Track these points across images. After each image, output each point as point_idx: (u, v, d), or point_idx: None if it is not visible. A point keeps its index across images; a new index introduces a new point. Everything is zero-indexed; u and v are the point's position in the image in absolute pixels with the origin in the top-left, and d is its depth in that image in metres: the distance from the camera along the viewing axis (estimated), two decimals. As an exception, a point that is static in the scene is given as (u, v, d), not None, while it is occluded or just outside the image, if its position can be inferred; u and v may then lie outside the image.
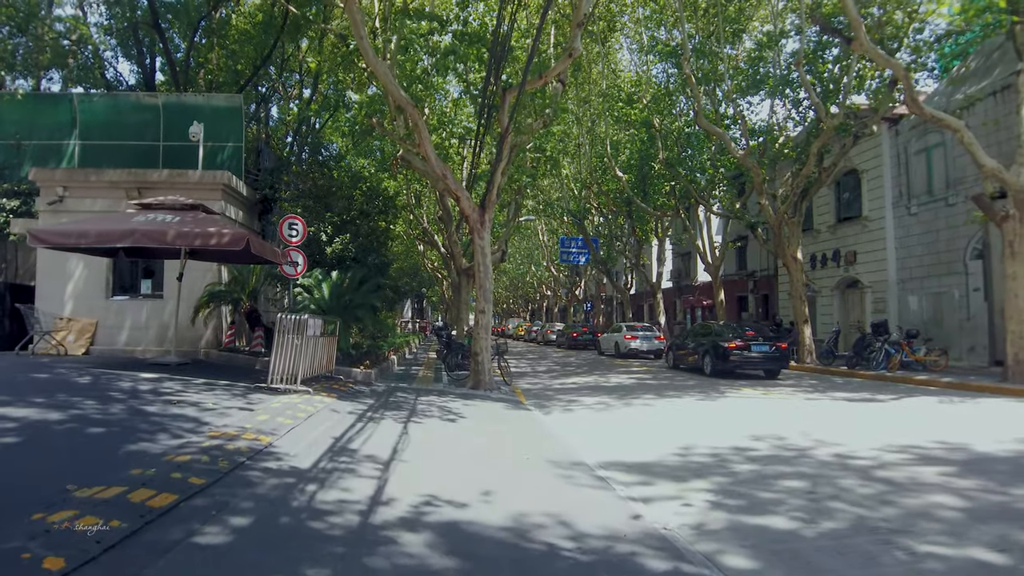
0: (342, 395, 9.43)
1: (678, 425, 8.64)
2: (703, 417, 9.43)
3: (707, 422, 8.89)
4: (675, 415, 9.65)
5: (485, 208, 12.20)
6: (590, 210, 33.21)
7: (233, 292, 12.25)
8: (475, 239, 12.25)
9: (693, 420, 9.11)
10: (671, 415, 9.65)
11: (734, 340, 16.44)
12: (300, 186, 13.99)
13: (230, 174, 13.28)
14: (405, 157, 12.63)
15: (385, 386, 11.43)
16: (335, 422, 7.17)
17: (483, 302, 12.20)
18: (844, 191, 22.59)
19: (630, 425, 8.67)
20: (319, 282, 12.45)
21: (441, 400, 10.13)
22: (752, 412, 9.93)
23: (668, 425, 8.67)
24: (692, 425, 8.61)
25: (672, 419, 9.24)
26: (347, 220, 13.43)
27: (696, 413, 9.85)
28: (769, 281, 27.07)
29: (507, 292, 73.98)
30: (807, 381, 15.24)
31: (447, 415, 8.60)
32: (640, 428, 8.43)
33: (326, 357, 10.97)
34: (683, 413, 9.85)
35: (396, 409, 8.73)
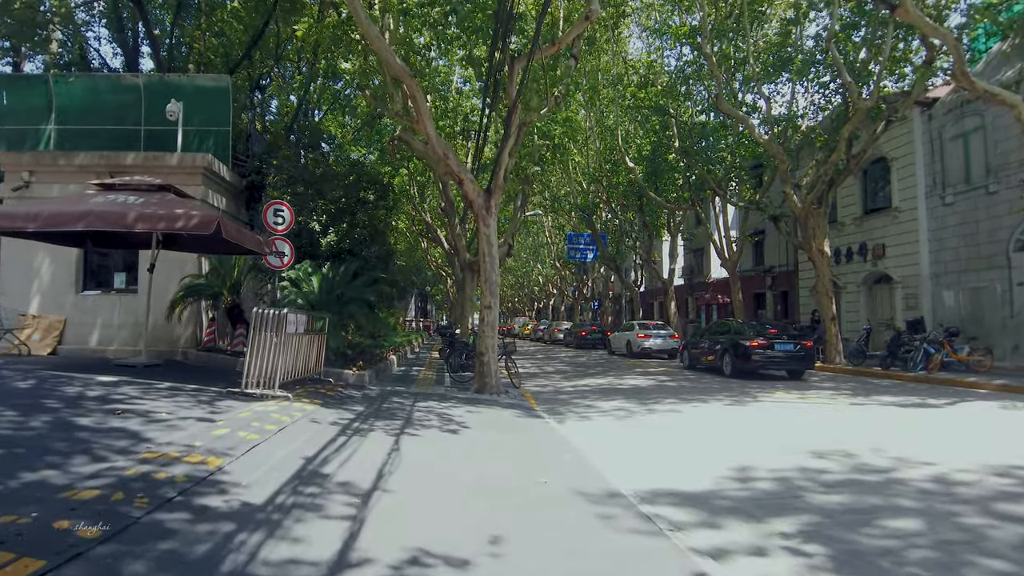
0: (328, 401, 8.23)
1: (718, 437, 7.41)
2: (743, 427, 8.19)
3: (750, 433, 7.65)
4: (709, 424, 8.42)
5: (491, 193, 10.99)
6: (599, 204, 31.95)
7: (213, 286, 11.07)
8: (480, 227, 11.05)
9: (732, 430, 7.87)
10: (705, 424, 8.42)
11: (756, 338, 15.27)
12: (291, 171, 12.78)
13: (211, 157, 12.10)
14: (403, 137, 11.44)
15: (380, 390, 10.23)
16: (312, 436, 5.96)
17: (489, 297, 11.00)
18: (872, 181, 21.27)
19: (661, 437, 7.45)
20: (308, 275, 11.26)
21: (442, 406, 8.92)
22: (797, 420, 8.69)
23: (706, 437, 7.43)
24: (734, 437, 7.38)
25: (708, 429, 8.01)
26: (343, 209, 12.22)
27: (733, 421, 8.61)
28: (789, 277, 25.76)
29: (512, 291, 72.78)
30: (843, 383, 13.97)
31: (448, 425, 7.39)
32: (674, 441, 7.20)
33: (313, 357, 9.78)
34: (718, 421, 8.61)
35: (389, 418, 7.52)
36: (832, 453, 6.18)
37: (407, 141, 11.41)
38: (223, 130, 14.91)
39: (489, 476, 5.15)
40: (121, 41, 17.44)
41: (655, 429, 8.01)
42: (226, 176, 12.92)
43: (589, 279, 45.36)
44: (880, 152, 20.02)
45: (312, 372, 9.83)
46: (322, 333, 10.08)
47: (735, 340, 15.65)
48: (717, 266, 33.03)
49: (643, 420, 8.71)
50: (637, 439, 7.33)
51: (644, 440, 7.27)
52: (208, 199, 11.96)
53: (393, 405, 8.65)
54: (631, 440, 7.29)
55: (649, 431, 7.87)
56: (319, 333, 10.05)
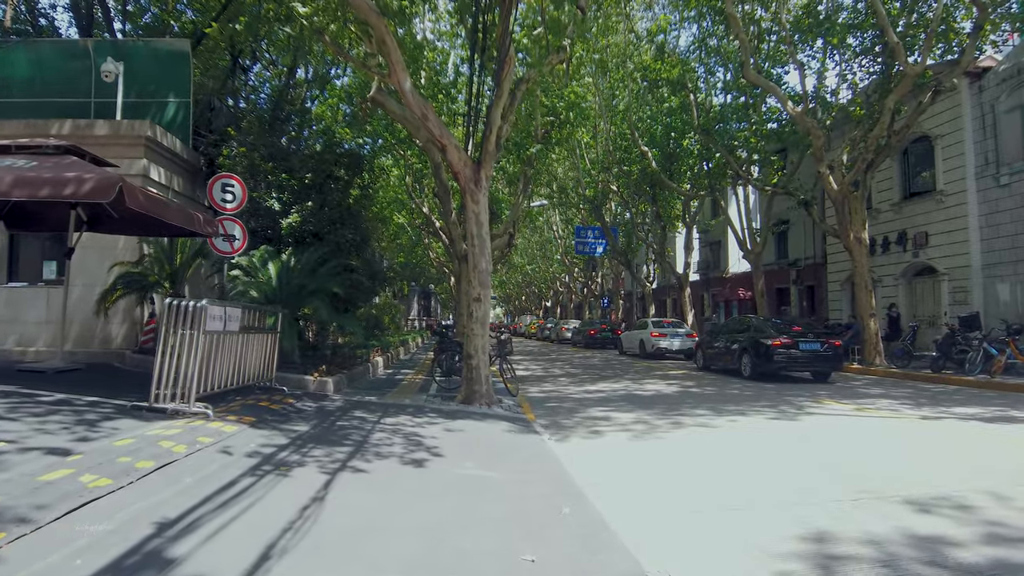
0: (264, 419, 6.44)
1: (771, 469, 5.54)
2: (799, 452, 6.31)
3: (810, 462, 5.78)
4: (755, 447, 6.55)
5: (481, 163, 9.16)
6: (608, 195, 30.03)
7: (150, 275, 9.33)
8: (467, 203, 9.22)
9: (787, 458, 5.99)
10: (749, 447, 6.55)
11: (779, 336, 13.50)
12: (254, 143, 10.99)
13: (154, 125, 10.35)
14: (377, 98, 9.63)
15: (345, 400, 8.43)
16: (204, 478, 4.17)
17: (479, 287, 9.17)
18: (912, 162, 19.24)
19: (696, 467, 5.59)
20: (264, 262, 9.48)
21: (414, 423, 7.11)
22: (864, 442, 6.81)
23: (755, 469, 5.57)
24: (792, 469, 5.51)
25: (754, 455, 6.14)
26: (308, 185, 10.43)
27: (784, 444, 6.73)
28: (816, 270, 23.74)
29: (519, 289, 70.96)
30: (892, 388, 12.03)
31: (413, 452, 5.58)
32: (714, 475, 5.34)
33: (261, 361, 8.00)
34: (765, 443, 6.74)
35: (336, 443, 5.71)
36: (937, 503, 4.29)
37: (381, 103, 9.61)
38: (182, 101, 13.20)
39: (446, 552, 3.31)
40: (73, 5, 15.72)
41: (685, 453, 6.15)
42: (179, 151, 11.17)
43: (598, 275, 43.42)
44: (922, 130, 18.01)
45: (261, 379, 8.06)
46: (274, 331, 8.30)
47: (755, 339, 13.98)
48: (736, 260, 31.07)
49: (668, 439, 6.86)
50: (663, 470, 5.49)
51: (673, 472, 5.42)
52: (151, 175, 10.21)
53: (351, 422, 6.84)
54: (655, 472, 5.44)
55: (678, 457, 6.02)
56: (271, 332, 8.27)
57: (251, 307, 8.03)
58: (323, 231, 10.16)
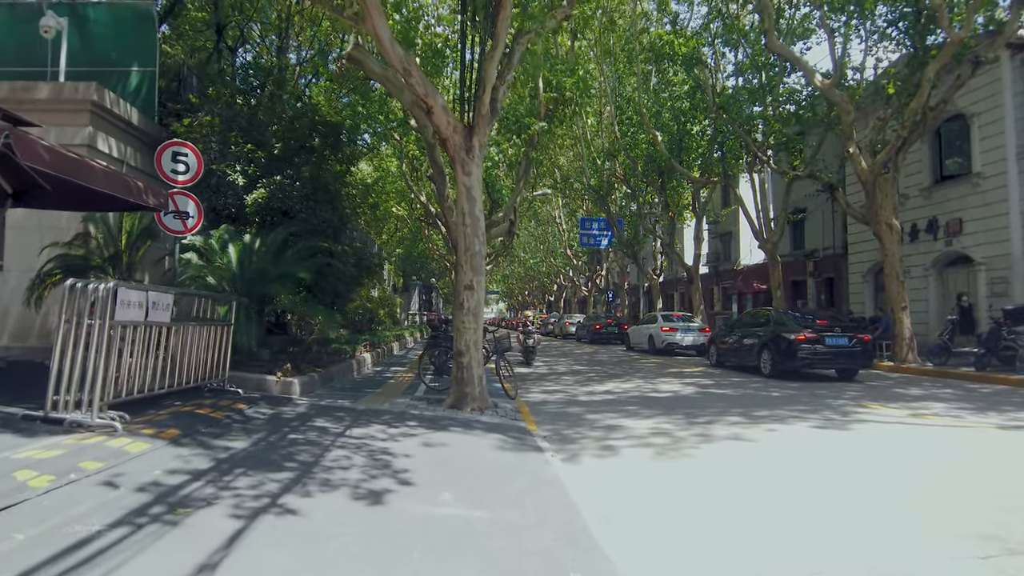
0: (193, 432, 5.15)
1: (841, 505, 4.23)
2: (866, 477, 5.00)
3: (889, 494, 4.47)
4: (809, 470, 5.24)
5: (473, 128, 7.84)
6: (614, 184, 28.64)
7: (89, 258, 8.05)
8: (458, 175, 7.90)
9: (856, 487, 4.68)
10: (803, 470, 5.23)
11: (802, 331, 12.29)
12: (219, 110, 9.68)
13: (102, 89, 9.05)
14: (355, 56, 8.32)
15: (310, 405, 7.14)
16: (44, 533, 2.89)
17: (470, 272, 7.86)
18: (944, 142, 17.82)
19: (743, 502, 4.29)
20: (224, 244, 8.19)
21: (388, 434, 5.82)
22: (941, 460, 5.50)
23: (820, 505, 4.26)
24: (870, 506, 4.20)
25: (813, 483, 4.83)
26: (277, 156, 9.11)
27: (844, 464, 5.42)
28: (836, 262, 22.34)
29: (522, 283, 69.62)
30: (936, 390, 10.69)
31: (375, 476, 4.29)
32: (771, 514, 4.04)
33: (209, 358, 6.73)
34: (820, 464, 5.43)
35: (274, 467, 4.42)
36: None
37: (360, 60, 8.31)
38: (147, 71, 11.92)
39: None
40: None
41: (725, 480, 4.85)
42: (135, 121, 9.87)
43: (603, 268, 42.05)
44: (957, 108, 16.59)
45: (209, 379, 6.78)
46: (226, 324, 7.02)
47: (776, 333, 12.80)
48: (748, 251, 29.74)
49: (698, 458, 5.56)
50: (702, 507, 4.19)
51: (715, 511, 4.12)
52: (98, 145, 8.91)
53: (307, 435, 5.54)
54: (692, 510, 4.14)
55: (717, 485, 4.72)
56: (222, 324, 6.99)
57: (198, 294, 6.76)
58: (293, 209, 8.85)
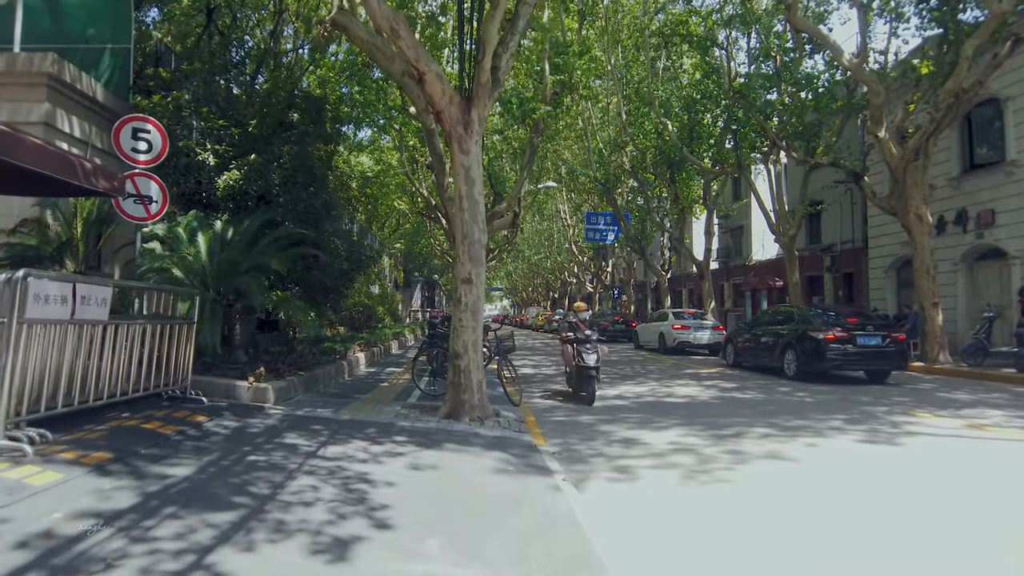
0: (130, 454, 4.25)
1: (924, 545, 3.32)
2: (939, 505, 4.07)
3: (978, 527, 3.55)
4: (864, 497, 4.31)
5: (472, 100, 6.92)
6: (621, 177, 27.67)
7: (42, 248, 7.17)
8: (455, 153, 6.98)
9: (934, 519, 3.76)
10: (863, 498, 4.31)
11: (831, 329, 11.40)
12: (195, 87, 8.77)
13: (62, 61, 8.14)
14: (338, 21, 7.42)
15: (284, 415, 6.24)
16: None
17: (468, 264, 6.95)
18: (975, 129, 16.80)
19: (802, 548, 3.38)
20: (193, 232, 7.30)
21: (370, 453, 4.92)
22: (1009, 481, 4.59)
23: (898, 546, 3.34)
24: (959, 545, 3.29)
25: (873, 513, 3.90)
26: (253, 135, 8.18)
27: (908, 489, 4.50)
28: (856, 256, 21.33)
29: (526, 279, 68.70)
30: (982, 394, 9.75)
31: (345, 516, 3.39)
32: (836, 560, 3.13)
33: (167, 361, 5.84)
34: (880, 489, 4.51)
35: (217, 503, 3.52)
36: None
37: (345, 26, 7.40)
38: (121, 48, 11.02)
39: None
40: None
41: (770, 513, 3.93)
42: (100, 98, 8.96)
43: (608, 265, 41.07)
44: (989, 92, 15.57)
45: (167, 386, 5.89)
46: (187, 322, 6.13)
47: (803, 332, 11.93)
48: (760, 246, 28.76)
49: (735, 483, 4.65)
50: (750, 552, 3.28)
51: (766, 558, 3.21)
52: (57, 123, 8.01)
53: (271, 456, 4.64)
54: (739, 556, 3.23)
55: (762, 520, 3.80)
56: (183, 322, 6.10)
57: (155, 288, 5.87)
58: (271, 193, 7.94)
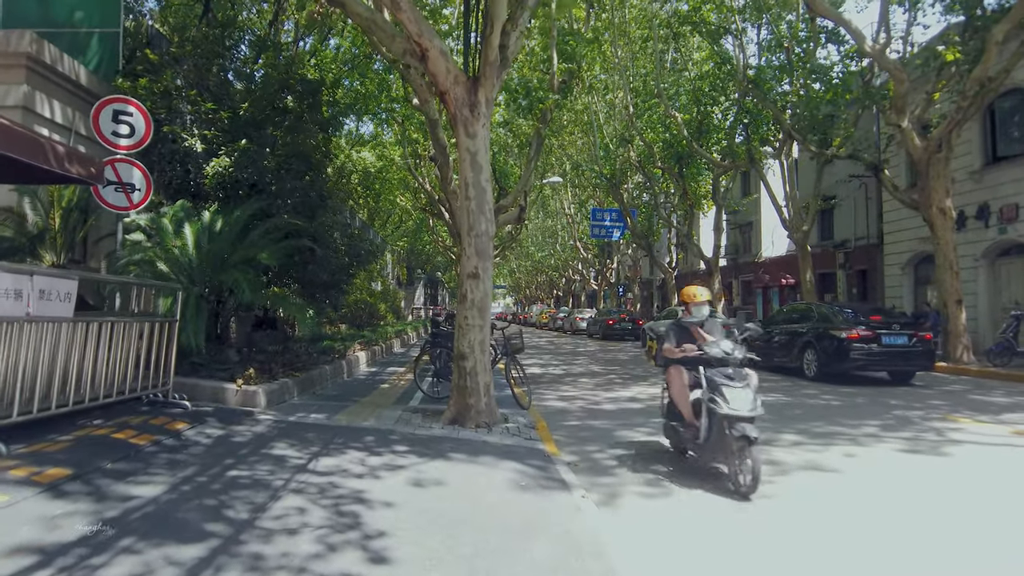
0: (92, 470, 3.74)
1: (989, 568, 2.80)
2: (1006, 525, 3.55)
3: None
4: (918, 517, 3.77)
5: (478, 81, 6.39)
6: (627, 173, 27.11)
7: (17, 240, 6.67)
8: (460, 137, 6.46)
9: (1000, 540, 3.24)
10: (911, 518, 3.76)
11: (855, 328, 10.87)
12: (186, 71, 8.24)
13: (41, 40, 7.64)
14: (335, -5, 6.90)
15: (275, 421, 5.74)
16: None
17: (475, 258, 6.42)
18: (998, 120, 16.21)
19: None
20: (179, 223, 6.79)
21: (366, 466, 4.41)
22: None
23: None
24: None
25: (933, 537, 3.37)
26: (247, 119, 7.65)
27: (964, 506, 3.96)
28: (869, 252, 20.75)
29: (528, 277, 68.12)
30: (1018, 397, 9.20)
31: (337, 546, 2.87)
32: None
33: (146, 362, 5.34)
34: (928, 506, 3.96)
35: (187, 532, 3.01)
36: None
37: (342, 2, 6.89)
38: (110, 32, 10.54)
39: None
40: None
41: (819, 535, 3.40)
42: (84, 81, 8.47)
43: (613, 262, 40.52)
44: (1014, 82, 14.97)
45: (148, 389, 5.39)
46: (169, 319, 5.62)
47: (824, 330, 11.41)
48: (769, 243, 28.17)
49: (775, 497, 4.12)
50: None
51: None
52: (36, 107, 7.51)
53: (256, 470, 4.13)
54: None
55: (812, 545, 3.27)
56: (164, 319, 5.59)
57: (136, 283, 5.37)
58: (263, 181, 7.40)
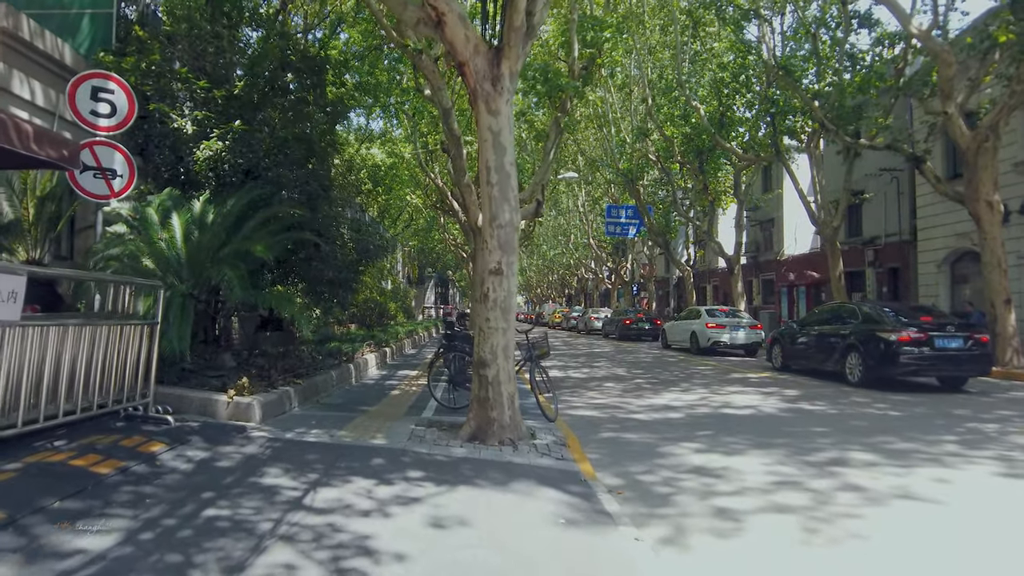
0: (32, 506, 3.01)
1: None
2: None
3: None
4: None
5: (501, 50, 5.62)
6: (644, 168, 26.26)
7: (-13, 232, 6.01)
8: (480, 116, 5.69)
9: None
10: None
11: (905, 329, 9.98)
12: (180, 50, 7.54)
13: (14, 12, 6.94)
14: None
15: (269, 438, 5.00)
16: None
17: (497, 252, 5.64)
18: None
19: None
20: (166, 214, 6.08)
21: (374, 500, 3.65)
22: None
23: None
24: None
25: None
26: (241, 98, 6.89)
27: None
28: (902, 249, 19.80)
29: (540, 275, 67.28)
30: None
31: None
32: None
33: (123, 371, 4.62)
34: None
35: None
36: None
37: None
38: (103, 14, 9.89)
39: None
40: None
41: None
42: (67, 59, 7.79)
43: (627, 260, 39.64)
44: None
45: (127, 401, 4.67)
46: (150, 322, 4.90)
47: (870, 332, 10.53)
48: (792, 240, 27.23)
49: (869, 537, 3.33)
50: None
51: None
52: (12, 87, 6.84)
53: (238, 508, 3.38)
54: None
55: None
56: (144, 322, 4.87)
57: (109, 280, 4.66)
58: (259, 167, 6.65)
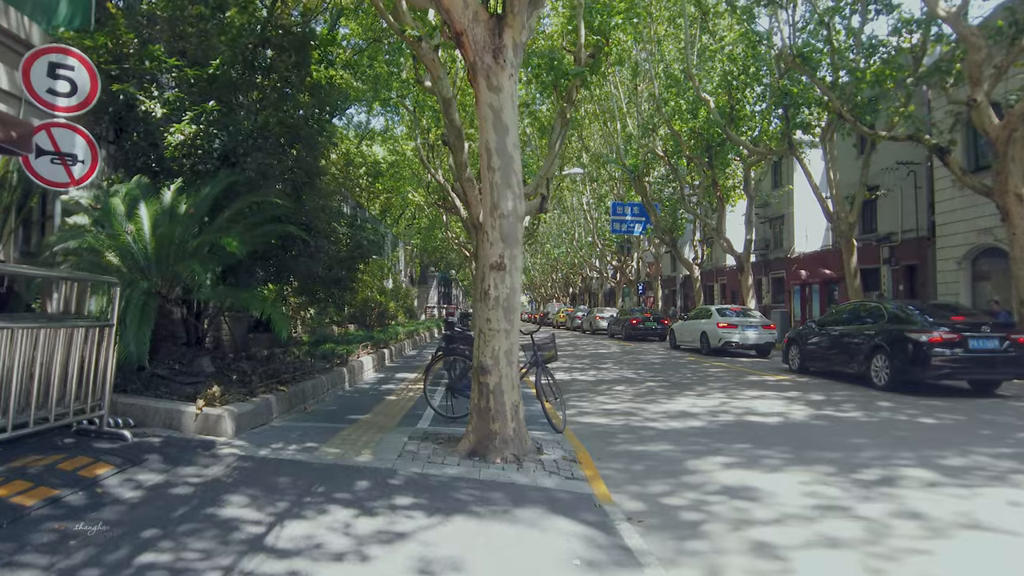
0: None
1: None
2: None
3: None
4: None
5: (503, 18, 5.02)
6: (651, 164, 25.64)
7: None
8: (479, 91, 5.09)
9: None
10: None
11: (937, 330, 9.37)
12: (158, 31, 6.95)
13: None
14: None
15: (239, 456, 4.41)
16: None
17: (499, 244, 5.04)
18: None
19: None
20: (134, 203, 5.49)
21: (352, 536, 3.05)
22: None
23: None
24: None
25: None
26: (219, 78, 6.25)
27: None
28: (919, 245, 19.11)
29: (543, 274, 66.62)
30: None
31: None
32: None
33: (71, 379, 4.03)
34: None
35: None
36: None
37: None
38: (81, -5, 9.32)
39: None
40: None
41: None
42: (34, 39, 7.21)
43: (632, 259, 38.97)
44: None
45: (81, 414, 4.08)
46: (104, 324, 4.31)
47: (898, 333, 9.88)
48: (803, 237, 26.55)
49: None
50: None
51: None
52: (-30, 68, 6.26)
53: (180, 552, 2.79)
54: None
55: None
56: (98, 324, 4.28)
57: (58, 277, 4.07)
58: (237, 152, 6.04)
